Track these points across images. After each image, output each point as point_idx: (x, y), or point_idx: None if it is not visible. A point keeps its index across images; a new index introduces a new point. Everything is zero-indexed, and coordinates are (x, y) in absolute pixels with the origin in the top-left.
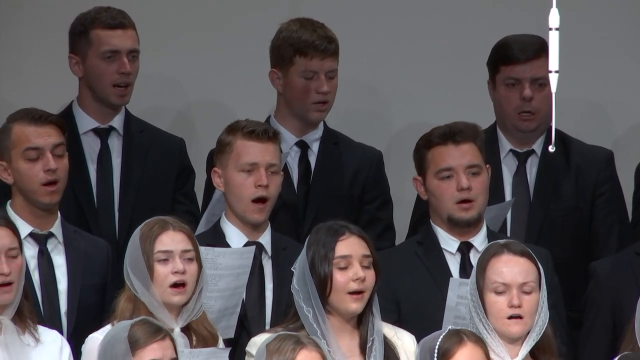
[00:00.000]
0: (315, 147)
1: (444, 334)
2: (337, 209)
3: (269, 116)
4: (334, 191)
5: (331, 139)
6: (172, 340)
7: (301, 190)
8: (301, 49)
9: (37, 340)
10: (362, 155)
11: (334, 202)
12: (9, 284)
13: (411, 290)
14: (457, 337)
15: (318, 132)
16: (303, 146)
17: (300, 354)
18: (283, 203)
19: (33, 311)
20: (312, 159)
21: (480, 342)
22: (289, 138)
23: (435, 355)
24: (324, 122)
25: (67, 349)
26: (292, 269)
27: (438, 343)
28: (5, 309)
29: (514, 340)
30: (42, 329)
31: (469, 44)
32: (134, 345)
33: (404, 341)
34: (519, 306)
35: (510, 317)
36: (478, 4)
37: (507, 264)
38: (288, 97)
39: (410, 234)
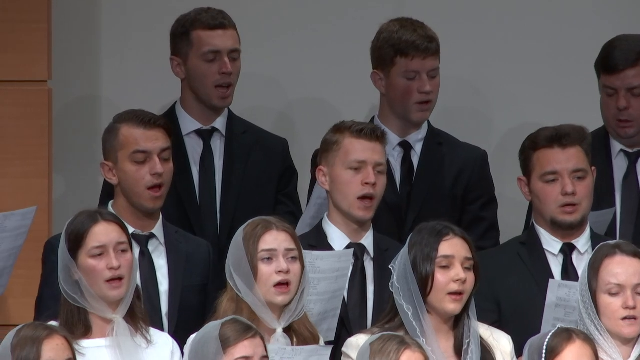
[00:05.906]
0: (418, 148)
1: (552, 331)
2: (440, 209)
3: (373, 117)
4: (436, 191)
5: (435, 139)
6: (262, 339)
7: (404, 190)
8: (402, 49)
9: (148, 341)
10: (466, 154)
11: (436, 202)
12: (119, 278)
13: (512, 291)
14: (566, 334)
15: (421, 133)
16: (406, 147)
17: (404, 354)
18: (385, 203)
19: (146, 312)
20: (415, 160)
21: (589, 340)
22: (392, 138)
23: (544, 353)
24: (429, 122)
25: (178, 352)
26: (390, 266)
27: (547, 341)
28: (117, 308)
29: (627, 342)
30: (153, 331)
31: (570, 45)
32: (225, 343)
33: (500, 342)
34: (634, 308)
35: (625, 318)
36: (580, 4)
37: (621, 265)
38: (390, 98)
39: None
